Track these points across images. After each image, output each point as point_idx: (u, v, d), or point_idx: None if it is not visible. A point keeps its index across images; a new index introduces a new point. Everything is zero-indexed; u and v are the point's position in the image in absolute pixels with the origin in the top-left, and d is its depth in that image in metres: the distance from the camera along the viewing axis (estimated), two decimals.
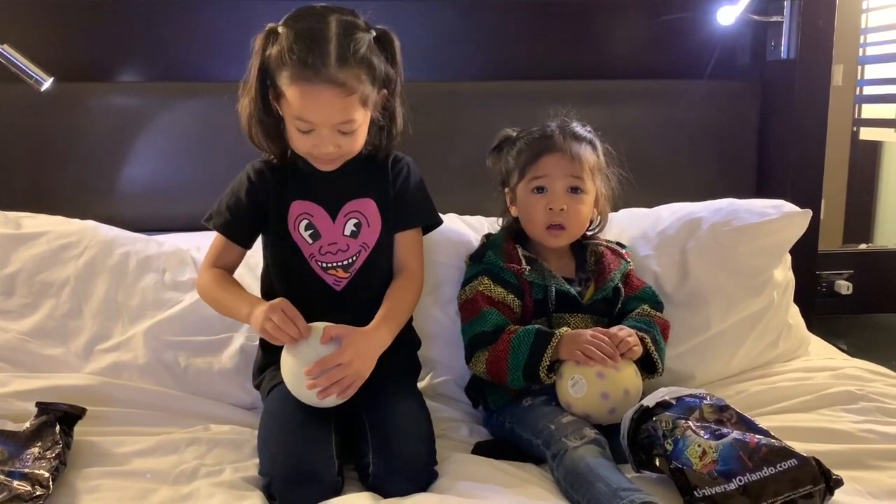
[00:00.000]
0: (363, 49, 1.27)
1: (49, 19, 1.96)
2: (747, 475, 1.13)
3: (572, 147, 1.52)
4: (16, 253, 1.63)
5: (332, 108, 1.27)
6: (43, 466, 1.17)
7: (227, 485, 1.24)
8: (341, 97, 1.26)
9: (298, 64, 1.25)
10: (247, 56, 1.39)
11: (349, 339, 1.29)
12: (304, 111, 1.27)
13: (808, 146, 2.13)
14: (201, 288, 1.44)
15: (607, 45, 2.18)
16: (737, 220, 1.69)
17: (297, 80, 1.25)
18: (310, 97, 1.26)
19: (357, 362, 1.28)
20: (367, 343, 1.31)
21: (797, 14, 2.08)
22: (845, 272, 2.29)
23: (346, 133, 1.31)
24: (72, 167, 1.95)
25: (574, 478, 1.20)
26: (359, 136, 1.34)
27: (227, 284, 1.40)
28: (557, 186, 1.51)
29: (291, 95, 1.27)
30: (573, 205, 1.51)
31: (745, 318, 1.66)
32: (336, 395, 1.27)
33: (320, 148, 1.31)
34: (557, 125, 1.56)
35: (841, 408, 1.45)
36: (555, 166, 1.51)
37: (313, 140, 1.31)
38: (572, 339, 1.39)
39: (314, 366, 1.26)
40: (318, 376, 1.25)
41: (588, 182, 1.53)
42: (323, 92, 1.25)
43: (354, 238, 1.42)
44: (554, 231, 1.52)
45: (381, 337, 1.35)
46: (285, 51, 1.26)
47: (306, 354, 1.28)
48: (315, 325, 1.30)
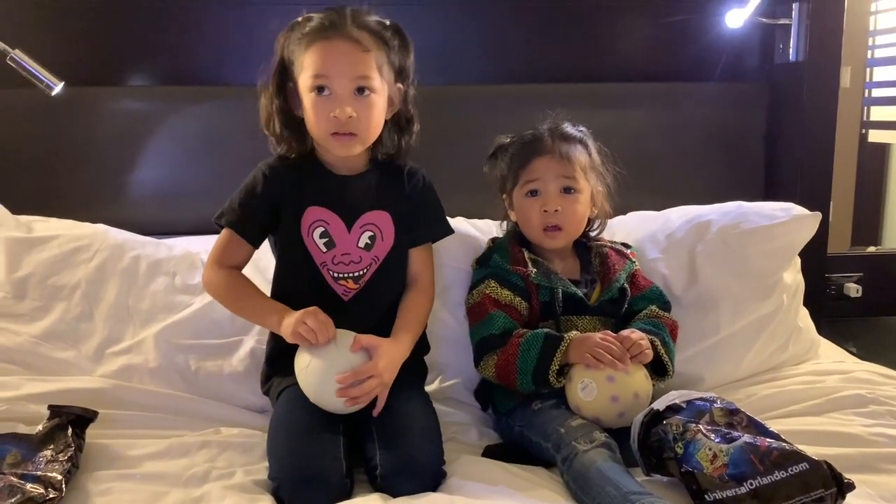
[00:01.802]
0: (377, 25, 1.36)
1: (59, 25, 1.97)
2: (758, 479, 1.13)
3: (562, 148, 1.53)
4: (27, 257, 1.64)
5: (348, 59, 1.32)
6: (55, 469, 1.17)
7: (239, 488, 1.24)
8: (357, 51, 1.32)
9: (316, 29, 1.33)
10: (255, 60, 1.40)
11: (381, 350, 1.30)
12: (321, 65, 1.32)
13: (816, 149, 2.13)
14: (213, 287, 1.41)
15: (615, 47, 2.18)
16: (746, 223, 1.69)
17: (315, 40, 1.32)
18: (327, 51, 1.32)
19: (386, 374, 1.30)
20: (394, 354, 1.33)
21: (805, 17, 2.08)
22: (854, 275, 2.28)
23: (363, 96, 1.33)
24: (82, 171, 1.96)
25: (584, 481, 1.20)
26: (375, 109, 1.36)
27: (248, 288, 1.40)
28: (550, 188, 1.52)
29: (309, 59, 1.32)
30: (567, 205, 1.52)
31: (755, 321, 1.66)
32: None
33: (337, 111, 1.32)
34: (548, 127, 1.57)
35: (851, 411, 1.44)
36: (545, 168, 1.52)
37: (330, 105, 1.32)
38: (581, 343, 1.39)
39: (349, 375, 1.26)
40: (349, 386, 1.26)
41: (581, 181, 1.53)
42: (339, 45, 1.32)
43: (368, 251, 1.42)
44: (550, 232, 1.52)
45: (404, 348, 1.37)
46: (304, 29, 1.35)
47: (336, 362, 1.28)
48: (339, 332, 1.30)
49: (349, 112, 1.32)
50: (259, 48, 1.42)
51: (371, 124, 1.36)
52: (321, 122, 1.34)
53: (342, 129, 1.34)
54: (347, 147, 1.37)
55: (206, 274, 1.42)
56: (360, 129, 1.35)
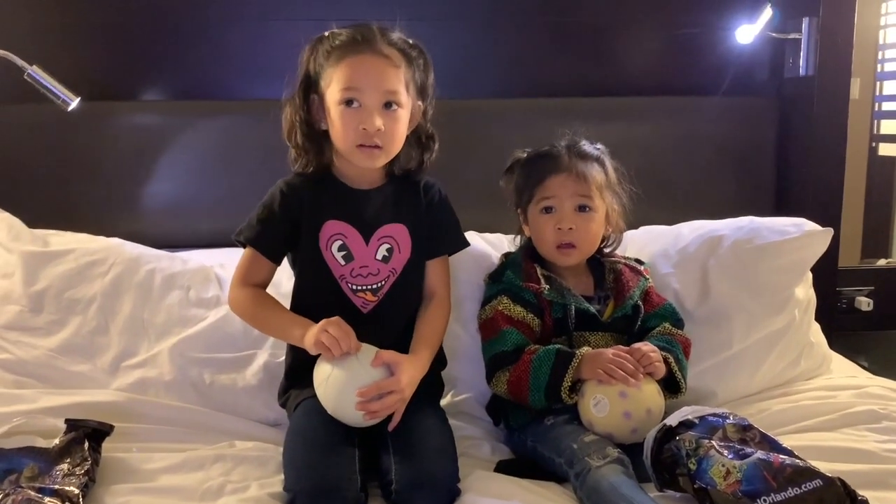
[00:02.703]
0: (402, 43, 1.39)
1: (76, 41, 2.00)
2: (772, 495, 1.12)
3: (578, 166, 1.53)
4: (44, 270, 1.65)
5: (378, 73, 1.35)
6: (72, 483, 1.19)
7: (253, 501, 1.25)
8: (387, 66, 1.35)
9: (346, 44, 1.35)
10: (270, 75, 1.42)
11: (403, 366, 1.32)
12: (351, 79, 1.34)
13: (826, 163, 2.13)
14: (238, 306, 1.43)
15: (626, 62, 2.19)
16: (758, 238, 1.69)
17: (346, 54, 1.35)
18: (357, 65, 1.34)
19: (408, 389, 1.31)
20: (415, 371, 1.34)
21: (815, 31, 2.09)
22: (866, 288, 2.28)
23: (391, 111, 1.35)
24: (98, 185, 1.98)
25: (598, 497, 1.21)
26: (400, 125, 1.38)
27: (271, 304, 1.41)
28: (565, 206, 1.52)
29: (339, 73, 1.34)
30: (582, 223, 1.52)
31: (767, 335, 1.66)
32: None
33: (366, 123, 1.33)
34: (565, 144, 1.57)
35: (865, 427, 1.44)
36: (561, 186, 1.52)
37: (359, 117, 1.34)
38: (594, 359, 1.40)
39: (371, 388, 1.27)
40: (369, 400, 1.27)
41: (596, 200, 1.53)
42: (369, 59, 1.34)
43: (385, 263, 1.43)
44: (564, 250, 1.53)
45: (424, 364, 1.38)
46: (333, 43, 1.36)
47: (358, 376, 1.28)
48: (362, 346, 1.30)
49: (378, 124, 1.34)
50: (274, 63, 1.44)
51: (396, 138, 1.38)
52: (349, 134, 1.36)
53: (369, 142, 1.36)
54: (373, 159, 1.38)
55: (232, 294, 1.43)
56: (386, 143, 1.37)
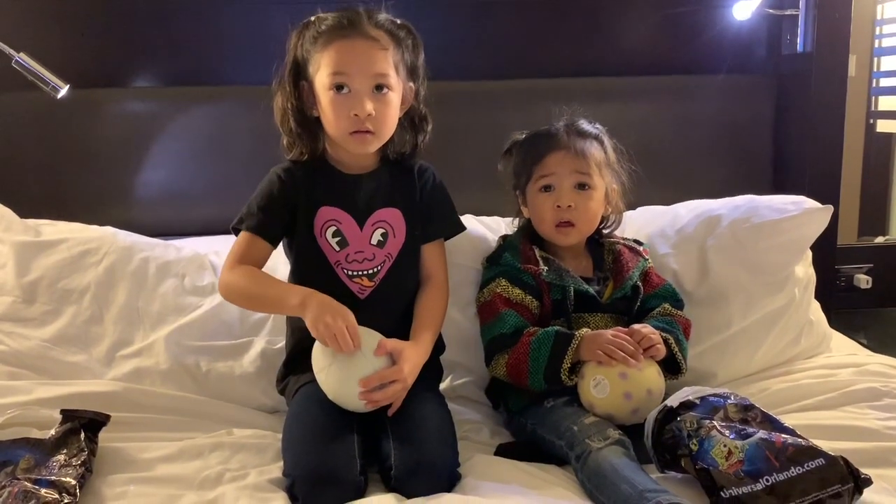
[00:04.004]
0: (390, 24, 1.37)
1: (65, 27, 1.97)
2: (774, 475, 1.12)
3: (577, 144, 1.52)
4: (36, 260, 1.63)
5: (367, 57, 1.33)
6: (69, 474, 1.18)
7: (252, 488, 1.24)
8: (376, 49, 1.33)
9: (333, 28, 1.33)
10: (262, 60, 1.40)
11: (405, 354, 1.31)
12: (340, 63, 1.32)
13: (824, 140, 2.12)
14: (230, 286, 1.36)
15: (621, 41, 2.17)
16: (756, 217, 1.68)
17: (334, 38, 1.33)
18: (346, 48, 1.33)
19: (410, 378, 1.31)
20: (417, 358, 1.34)
21: (813, 6, 2.07)
22: (864, 266, 2.27)
23: (381, 94, 1.34)
24: (89, 173, 1.96)
25: (599, 479, 1.20)
26: (391, 108, 1.36)
27: (264, 278, 1.37)
28: (564, 184, 1.51)
29: (327, 58, 1.33)
30: (581, 201, 1.51)
31: (767, 315, 1.65)
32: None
33: (357, 108, 1.32)
34: (564, 123, 1.56)
35: (866, 405, 1.44)
36: (559, 164, 1.51)
37: (349, 103, 1.33)
38: (593, 340, 1.39)
39: (374, 378, 1.27)
40: (373, 390, 1.26)
41: (595, 178, 1.52)
42: (358, 43, 1.33)
43: (381, 248, 1.42)
44: (563, 228, 1.52)
45: (425, 349, 1.38)
46: (319, 26, 1.34)
47: (360, 366, 1.27)
48: (363, 333, 1.28)
49: (369, 109, 1.32)
50: (266, 48, 1.41)
51: (388, 121, 1.37)
52: (341, 121, 1.34)
53: (361, 127, 1.34)
54: (366, 144, 1.37)
55: (224, 276, 1.38)
56: (378, 127, 1.36)
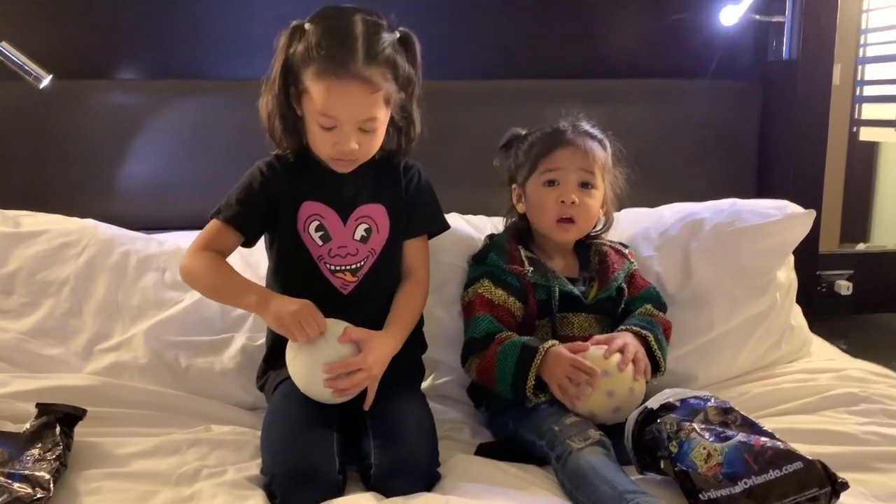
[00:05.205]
0: (389, 49, 1.29)
1: (48, 16, 1.94)
2: (753, 478, 1.13)
3: (585, 142, 1.53)
4: (15, 252, 1.62)
5: (358, 104, 1.28)
6: (43, 468, 1.16)
7: (230, 485, 1.22)
8: (367, 94, 1.27)
9: (326, 59, 1.26)
10: (247, 54, 1.38)
11: (371, 343, 1.30)
12: (329, 106, 1.28)
13: (808, 146, 2.14)
14: (190, 272, 1.36)
15: (610, 44, 2.17)
16: (739, 221, 1.69)
17: (324, 75, 1.26)
18: (336, 92, 1.27)
19: (376, 367, 1.30)
20: (385, 347, 1.33)
21: (799, 14, 2.09)
22: (846, 272, 2.29)
23: (367, 131, 1.32)
24: (71, 165, 1.94)
25: (578, 479, 1.20)
26: (378, 137, 1.35)
27: (225, 269, 1.36)
28: (570, 179, 1.51)
29: (317, 91, 1.28)
30: (584, 199, 1.52)
31: (748, 319, 1.66)
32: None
33: (341, 145, 1.31)
34: (569, 123, 1.57)
35: (844, 409, 1.45)
36: (568, 159, 1.51)
37: (335, 138, 1.31)
38: (556, 362, 1.37)
39: (337, 366, 1.26)
40: (337, 377, 1.26)
41: (598, 178, 1.53)
42: (349, 87, 1.26)
43: (364, 243, 1.41)
44: (564, 224, 1.52)
45: (395, 341, 1.37)
46: (312, 47, 1.27)
47: (324, 353, 1.27)
48: (330, 322, 1.29)
49: (353, 147, 1.31)
50: (254, 43, 1.41)
51: (371, 149, 1.36)
52: (325, 149, 1.34)
53: (344, 158, 1.34)
54: (348, 167, 1.37)
55: (187, 259, 1.37)
56: (361, 156, 1.35)
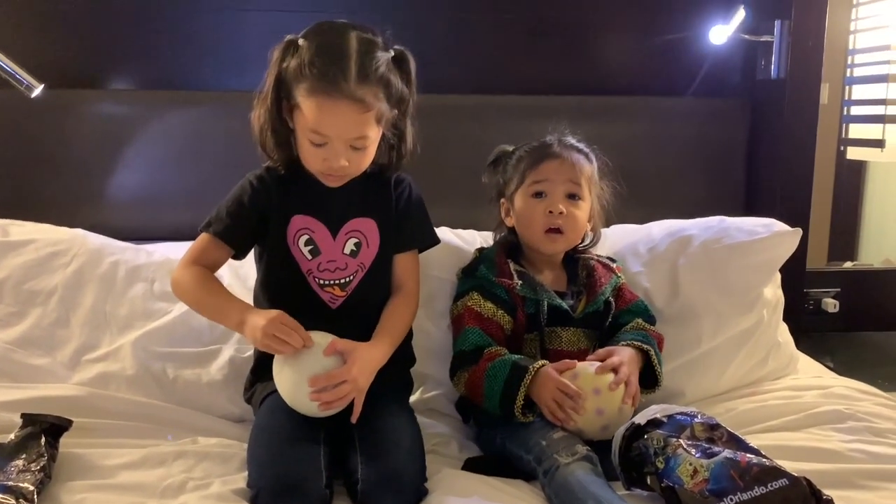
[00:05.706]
0: (382, 68, 1.29)
1: (40, 26, 1.95)
2: (738, 494, 1.13)
3: (572, 155, 1.55)
4: (3, 261, 1.61)
5: (349, 123, 1.28)
6: (27, 479, 1.15)
7: (215, 498, 1.22)
8: (358, 113, 1.27)
9: (319, 77, 1.26)
10: (238, 66, 1.38)
11: (355, 354, 1.30)
12: (320, 124, 1.28)
13: (796, 165, 2.15)
14: (180, 286, 1.37)
15: (599, 61, 2.19)
16: (727, 238, 1.70)
17: (316, 92, 1.26)
18: (327, 111, 1.26)
19: (361, 378, 1.29)
20: (370, 359, 1.32)
21: (787, 34, 2.11)
22: (832, 290, 2.31)
23: (358, 149, 1.32)
24: (61, 174, 1.93)
25: (566, 494, 1.20)
26: (369, 154, 1.35)
27: (213, 286, 1.37)
28: (557, 191, 1.53)
29: (308, 108, 1.27)
30: (571, 210, 1.53)
31: (735, 335, 1.67)
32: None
33: (331, 162, 1.31)
34: (556, 137, 1.59)
35: (830, 427, 1.45)
36: (555, 171, 1.53)
37: (325, 154, 1.31)
38: (544, 384, 1.38)
39: (322, 378, 1.26)
40: (322, 389, 1.25)
41: (585, 190, 1.55)
42: (341, 106, 1.26)
43: (353, 257, 1.41)
44: (552, 235, 1.53)
45: (382, 352, 1.36)
46: (305, 63, 1.27)
47: (309, 365, 1.27)
48: (314, 335, 1.29)
49: (343, 164, 1.31)
50: (245, 54, 1.42)
51: (362, 165, 1.36)
52: (315, 163, 1.34)
53: (334, 173, 1.34)
54: (338, 182, 1.37)
55: (178, 273, 1.38)
56: (351, 172, 1.36)
